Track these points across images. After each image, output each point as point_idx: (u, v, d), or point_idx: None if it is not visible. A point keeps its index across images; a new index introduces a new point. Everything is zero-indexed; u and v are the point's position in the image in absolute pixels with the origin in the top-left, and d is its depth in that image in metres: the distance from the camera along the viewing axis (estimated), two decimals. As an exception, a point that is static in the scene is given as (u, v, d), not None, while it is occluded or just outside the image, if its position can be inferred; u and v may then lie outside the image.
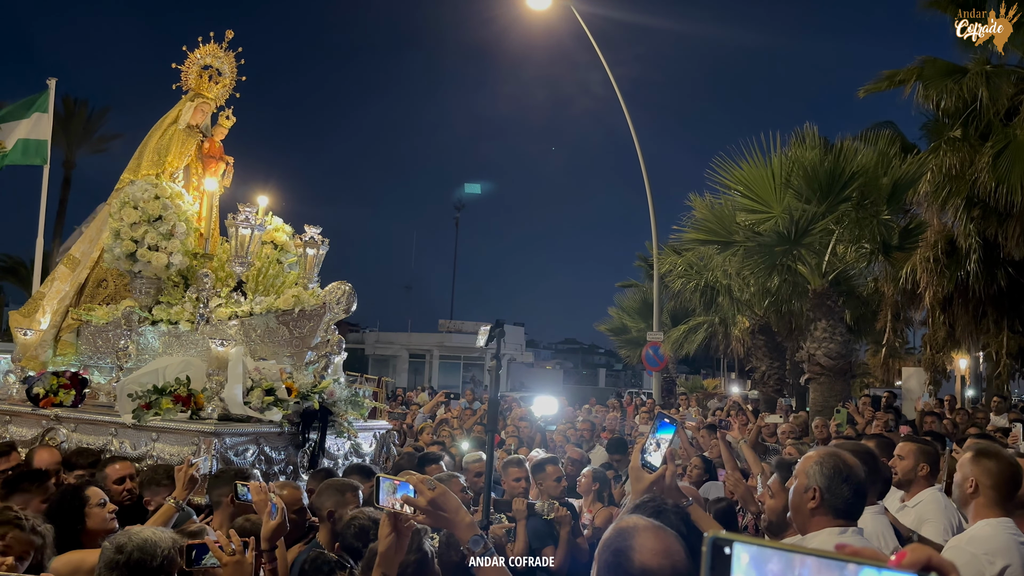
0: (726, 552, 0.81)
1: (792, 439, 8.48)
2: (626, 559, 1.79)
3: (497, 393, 3.47)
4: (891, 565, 0.77)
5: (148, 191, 6.45)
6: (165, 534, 2.71)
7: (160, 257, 6.38)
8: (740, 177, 13.84)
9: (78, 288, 7.07)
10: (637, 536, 1.82)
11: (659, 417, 2.56)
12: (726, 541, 0.81)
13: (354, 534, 3.29)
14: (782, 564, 0.79)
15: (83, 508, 3.48)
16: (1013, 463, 3.19)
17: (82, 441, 5.63)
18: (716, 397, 23.80)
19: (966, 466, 3.17)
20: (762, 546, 0.81)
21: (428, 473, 5.14)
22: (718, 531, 0.83)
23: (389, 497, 2.20)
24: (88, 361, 6.76)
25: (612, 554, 1.82)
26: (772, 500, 3.50)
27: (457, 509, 2.14)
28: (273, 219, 7.02)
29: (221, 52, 7.18)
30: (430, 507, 2.10)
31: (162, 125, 7.06)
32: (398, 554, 2.25)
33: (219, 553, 2.65)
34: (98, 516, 3.49)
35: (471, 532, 2.12)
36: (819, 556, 0.77)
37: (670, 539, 1.85)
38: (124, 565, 2.53)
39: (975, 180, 15.31)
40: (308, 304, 5.90)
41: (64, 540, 3.26)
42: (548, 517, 4.68)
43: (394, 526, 2.22)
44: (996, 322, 17.47)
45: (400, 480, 2.21)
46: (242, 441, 5.27)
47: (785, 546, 0.80)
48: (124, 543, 2.57)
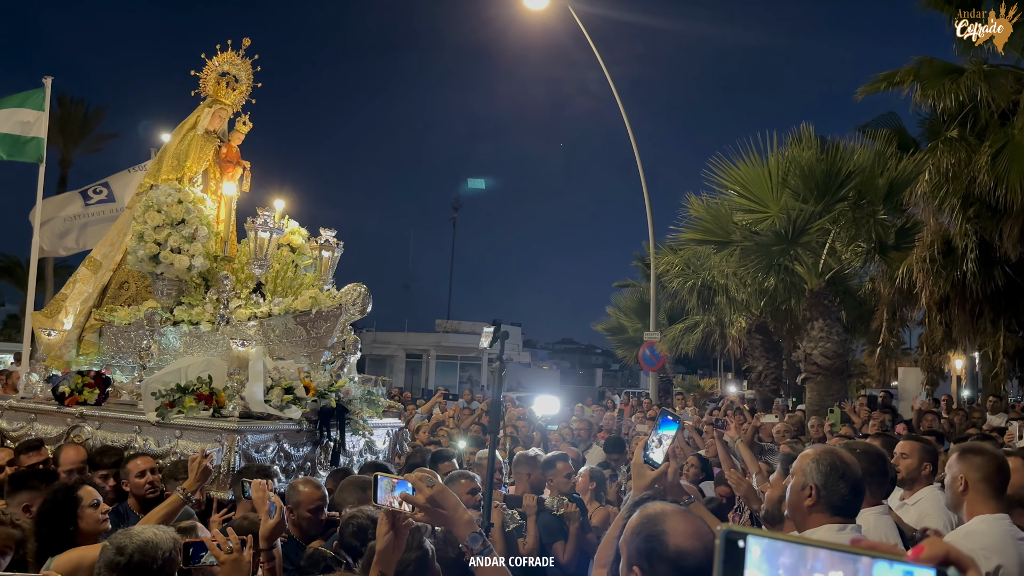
0: (739, 545, 0.80)
1: (788, 439, 8.48)
2: (660, 543, 1.81)
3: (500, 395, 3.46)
4: (908, 559, 0.75)
5: (171, 195, 6.64)
6: (166, 534, 2.69)
7: (182, 259, 6.56)
8: (737, 177, 13.86)
9: (100, 290, 7.25)
10: (668, 520, 1.85)
11: (662, 414, 2.56)
12: (740, 534, 0.81)
13: (352, 533, 3.29)
14: (795, 557, 0.78)
15: (76, 508, 3.44)
16: (999, 456, 3.21)
17: (106, 439, 5.76)
18: (711, 398, 23.81)
19: (953, 466, 3.18)
20: (775, 539, 0.80)
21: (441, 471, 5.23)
22: (730, 525, 0.82)
23: (387, 495, 2.19)
24: (110, 361, 6.91)
25: (644, 540, 1.84)
26: (772, 491, 3.51)
27: (456, 507, 2.13)
28: (289, 222, 7.20)
29: (238, 59, 7.39)
30: (428, 505, 2.09)
31: (181, 131, 7.26)
32: (396, 552, 2.24)
33: (217, 551, 2.64)
34: (91, 517, 3.45)
35: (470, 530, 2.11)
36: (833, 549, 0.76)
37: (699, 522, 1.88)
38: (125, 567, 2.51)
39: (972, 180, 15.32)
40: (325, 305, 6.06)
41: (57, 541, 3.24)
42: (558, 512, 4.78)
43: (392, 524, 2.21)
44: (993, 322, 17.48)
45: (398, 478, 2.19)
46: (263, 439, 5.44)
47: (798, 539, 0.79)
48: (125, 544, 2.56)
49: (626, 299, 25.60)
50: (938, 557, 0.75)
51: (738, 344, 20.57)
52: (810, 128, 14.11)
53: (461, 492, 4.46)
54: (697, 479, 6.43)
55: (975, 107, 15.62)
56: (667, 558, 1.79)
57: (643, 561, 1.82)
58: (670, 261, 19.17)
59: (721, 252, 14.87)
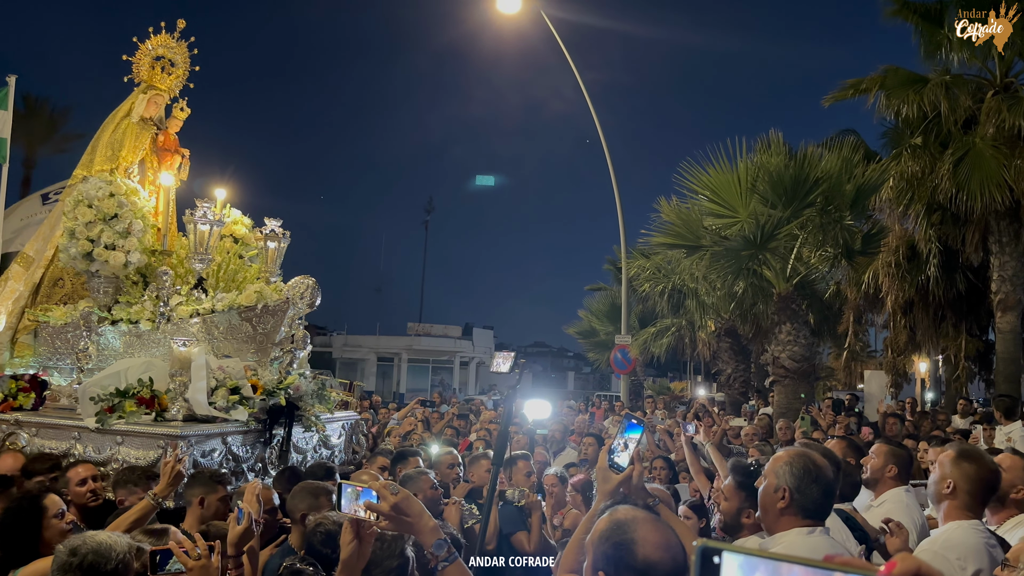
0: (715, 561, 0.80)
1: (757, 441, 8.57)
2: (628, 552, 1.80)
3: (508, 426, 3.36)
4: (880, 574, 0.76)
5: (102, 188, 6.28)
6: (121, 539, 2.64)
7: (117, 256, 6.22)
8: (707, 182, 14.01)
9: (33, 288, 6.85)
10: (638, 529, 1.84)
11: (627, 418, 2.58)
12: (715, 550, 0.80)
13: (321, 540, 3.24)
14: (770, 573, 0.78)
15: (41, 519, 3.35)
16: (993, 468, 3.20)
17: (44, 446, 5.48)
18: (681, 401, 23.97)
19: (946, 466, 3.17)
20: (751, 555, 0.79)
21: (406, 467, 5.21)
22: (706, 541, 0.82)
23: (352, 503, 2.16)
24: (47, 363, 6.57)
25: (613, 547, 1.83)
26: (726, 503, 3.51)
27: (420, 514, 2.11)
28: (232, 212, 6.89)
29: (173, 42, 7.00)
30: (393, 512, 2.07)
31: (115, 119, 6.88)
32: (360, 561, 2.21)
33: (184, 558, 2.60)
34: (56, 527, 3.36)
35: (435, 536, 2.10)
36: (807, 565, 0.76)
37: (669, 532, 1.88)
38: (77, 568, 2.47)
39: (935, 187, 15.66)
40: (271, 299, 5.82)
41: (20, 552, 3.15)
42: (519, 504, 4.86)
43: (357, 533, 2.19)
44: (955, 326, 17.88)
45: (363, 486, 2.17)
46: (209, 443, 5.22)
47: (774, 555, 0.79)
48: (78, 546, 2.52)
49: (598, 302, 25.67)
50: (909, 572, 0.76)
51: (708, 347, 20.78)
52: (779, 134, 14.34)
53: (424, 487, 4.43)
54: (665, 482, 6.46)
55: (938, 115, 15.95)
56: (634, 568, 1.78)
57: (609, 567, 1.81)
58: (641, 265, 19.31)
59: (691, 256, 15.01)
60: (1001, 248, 15.67)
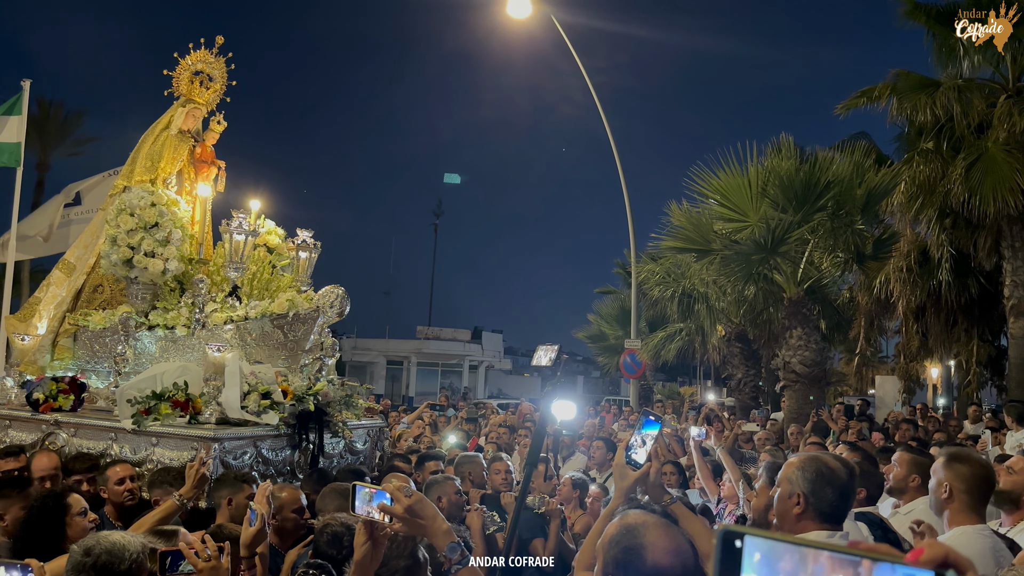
0: (736, 545, 0.78)
1: (769, 446, 8.54)
2: (638, 557, 1.80)
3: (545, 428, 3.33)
4: (907, 561, 0.74)
5: (144, 198, 6.51)
6: (135, 539, 2.67)
7: (156, 263, 6.43)
8: (717, 186, 13.97)
9: (75, 293, 7.12)
10: (648, 534, 1.83)
11: (644, 414, 2.58)
12: (737, 534, 0.79)
13: (327, 542, 3.25)
14: (794, 559, 0.76)
15: (64, 516, 3.42)
16: (985, 466, 3.21)
17: (82, 446, 5.67)
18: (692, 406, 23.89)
19: (939, 471, 3.18)
20: (774, 540, 0.78)
21: (427, 470, 5.25)
22: (728, 524, 0.82)
23: (365, 505, 2.17)
24: (85, 366, 6.80)
25: (623, 551, 1.82)
26: (757, 499, 3.51)
27: (434, 517, 2.12)
28: (266, 222, 7.08)
29: (211, 57, 7.26)
30: (407, 514, 2.08)
31: (154, 131, 7.13)
32: (373, 563, 2.22)
33: (194, 559, 2.61)
34: (79, 525, 3.42)
35: (448, 540, 2.10)
36: (832, 551, 0.75)
37: (680, 537, 1.87)
38: (91, 567, 2.50)
39: (947, 192, 15.58)
40: (302, 308, 5.99)
41: (44, 548, 3.19)
42: (539, 511, 4.79)
43: (370, 534, 2.19)
44: (967, 331, 17.77)
45: (377, 488, 2.18)
46: (240, 444, 5.36)
47: (798, 540, 0.78)
48: (92, 546, 2.54)
49: (607, 306, 25.64)
50: (937, 559, 0.74)
51: (718, 352, 20.73)
52: (789, 138, 14.30)
53: (448, 492, 4.47)
54: (675, 487, 6.44)
55: (950, 120, 15.88)
56: (644, 573, 1.77)
57: (619, 571, 1.81)
58: (651, 269, 19.28)
59: (701, 260, 14.98)
60: (1014, 253, 15.57)
